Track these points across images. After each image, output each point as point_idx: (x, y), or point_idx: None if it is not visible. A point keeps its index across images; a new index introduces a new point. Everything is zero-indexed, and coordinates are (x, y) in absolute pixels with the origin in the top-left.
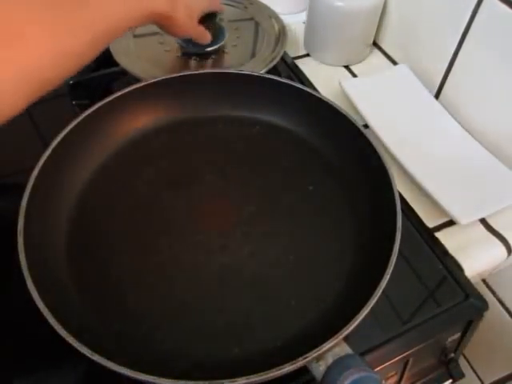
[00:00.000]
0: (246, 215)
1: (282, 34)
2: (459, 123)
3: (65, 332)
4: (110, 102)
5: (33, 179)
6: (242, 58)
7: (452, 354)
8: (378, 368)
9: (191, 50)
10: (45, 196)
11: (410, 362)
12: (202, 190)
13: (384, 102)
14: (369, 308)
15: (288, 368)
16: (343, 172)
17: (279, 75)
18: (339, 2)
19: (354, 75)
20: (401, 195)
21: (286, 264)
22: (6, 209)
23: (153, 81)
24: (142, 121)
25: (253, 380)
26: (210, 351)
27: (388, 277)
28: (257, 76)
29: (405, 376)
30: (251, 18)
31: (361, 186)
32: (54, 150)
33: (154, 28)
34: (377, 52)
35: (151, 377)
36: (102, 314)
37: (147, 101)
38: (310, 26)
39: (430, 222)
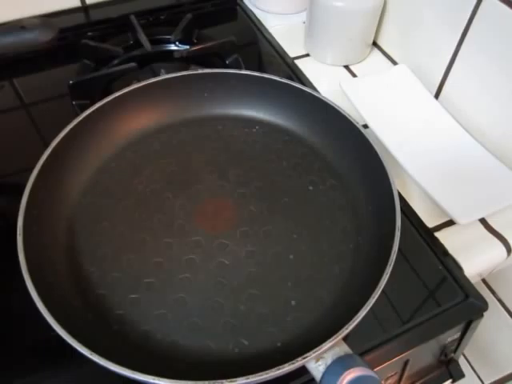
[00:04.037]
0: (245, 215)
1: None
2: (459, 123)
3: (64, 332)
4: (110, 101)
5: (33, 179)
6: None
7: (452, 354)
8: (378, 368)
9: None
10: (45, 196)
11: (410, 362)
12: (202, 189)
13: (384, 102)
14: (368, 308)
15: (287, 368)
16: (343, 172)
17: (279, 75)
18: (339, 2)
19: (354, 75)
20: (400, 195)
21: (285, 264)
22: (5, 209)
23: (153, 81)
24: (141, 121)
25: (252, 380)
26: (209, 351)
27: (387, 276)
28: (257, 76)
29: (405, 376)
30: None
31: (360, 186)
32: (53, 150)
33: None
34: (377, 52)
35: (151, 377)
36: (101, 314)
37: (147, 101)
38: (310, 26)
39: (430, 222)
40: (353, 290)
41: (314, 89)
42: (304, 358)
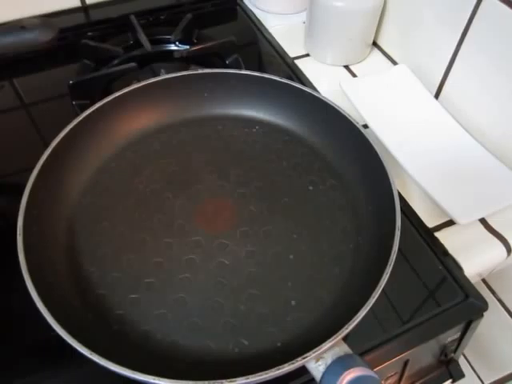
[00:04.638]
0: (245, 215)
1: None
2: (459, 123)
3: (64, 332)
4: (110, 101)
5: (33, 179)
6: None
7: (452, 354)
8: (378, 368)
9: None
10: (45, 196)
11: (410, 362)
12: (202, 189)
13: (384, 102)
14: (368, 308)
15: (287, 368)
16: (343, 172)
17: (279, 75)
18: (339, 2)
19: (354, 75)
20: (400, 195)
21: (285, 264)
22: (5, 209)
23: (153, 81)
24: (141, 121)
25: (252, 380)
26: (209, 351)
27: (387, 276)
28: (257, 76)
29: (405, 376)
30: None
31: (360, 186)
32: (53, 150)
33: None
34: (377, 52)
35: (151, 377)
36: (101, 314)
37: (147, 101)
38: (310, 26)
39: (430, 222)
40: (353, 290)
41: (314, 89)
42: (304, 358)
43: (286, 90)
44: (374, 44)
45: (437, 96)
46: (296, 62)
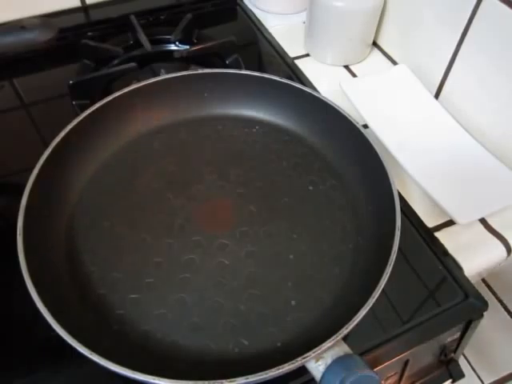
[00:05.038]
0: (245, 215)
1: None
2: (459, 123)
3: (64, 332)
4: (110, 101)
5: (33, 179)
6: None
7: (452, 354)
8: (378, 368)
9: None
10: (45, 196)
11: (410, 362)
12: (202, 189)
13: (384, 102)
14: (368, 308)
15: (287, 368)
16: (343, 172)
17: (279, 75)
18: (339, 2)
19: (354, 75)
20: (400, 195)
21: (285, 264)
22: (6, 209)
23: (153, 81)
24: (141, 121)
25: (252, 380)
26: (209, 351)
27: (387, 276)
28: (257, 76)
29: (405, 376)
30: None
31: (360, 186)
32: (53, 150)
33: None
34: (377, 52)
35: (151, 377)
36: (101, 314)
37: (147, 101)
38: (310, 26)
39: (430, 222)
40: (353, 290)
41: (314, 89)
42: (304, 358)
43: (286, 90)
44: (374, 44)
45: (437, 96)
46: (296, 62)
